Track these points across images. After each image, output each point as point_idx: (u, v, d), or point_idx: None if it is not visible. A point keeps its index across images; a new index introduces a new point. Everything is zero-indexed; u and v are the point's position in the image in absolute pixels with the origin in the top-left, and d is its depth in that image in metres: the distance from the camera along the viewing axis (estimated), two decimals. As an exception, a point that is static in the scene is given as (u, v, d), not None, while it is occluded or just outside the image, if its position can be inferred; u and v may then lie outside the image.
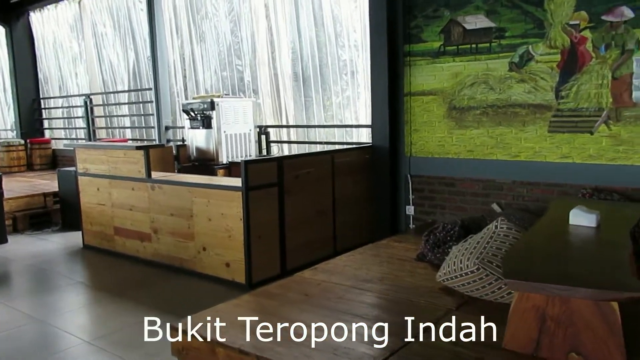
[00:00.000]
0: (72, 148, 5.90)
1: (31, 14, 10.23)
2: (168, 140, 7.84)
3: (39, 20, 10.20)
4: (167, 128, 7.84)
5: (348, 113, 6.25)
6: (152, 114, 8.09)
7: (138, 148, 4.84)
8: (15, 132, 10.71)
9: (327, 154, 4.91)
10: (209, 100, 6.11)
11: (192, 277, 4.42)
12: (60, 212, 6.66)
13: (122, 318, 3.64)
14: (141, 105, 8.65)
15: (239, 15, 7.05)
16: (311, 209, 4.64)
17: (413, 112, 4.99)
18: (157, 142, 7.80)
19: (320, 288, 3.22)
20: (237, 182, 4.15)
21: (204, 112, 6.14)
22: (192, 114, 6.25)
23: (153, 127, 8.15)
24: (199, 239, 4.38)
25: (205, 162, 6.23)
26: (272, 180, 4.23)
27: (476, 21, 4.54)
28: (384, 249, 4.07)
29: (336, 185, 4.88)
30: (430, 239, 3.70)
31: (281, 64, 6.67)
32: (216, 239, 4.24)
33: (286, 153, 6.71)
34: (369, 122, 5.37)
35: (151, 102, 8.13)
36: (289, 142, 6.75)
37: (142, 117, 8.71)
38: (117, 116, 9.19)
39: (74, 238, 5.93)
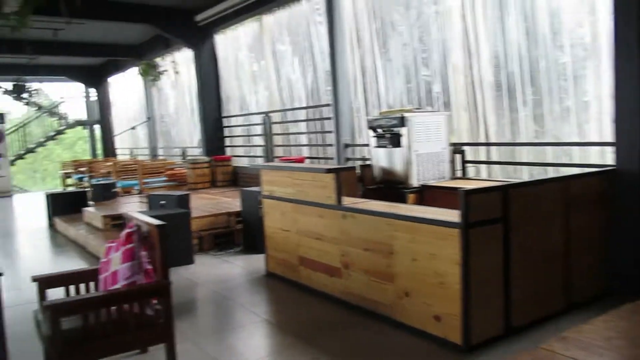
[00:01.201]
0: (256, 168, 5.65)
1: (215, 36, 10.68)
2: (347, 159, 7.37)
3: (222, 41, 10.60)
4: (346, 146, 7.38)
5: (567, 127, 5.11)
6: (331, 131, 7.71)
7: (328, 171, 4.32)
8: (200, 149, 11.26)
9: (559, 181, 3.89)
10: (399, 115, 5.44)
11: (390, 326, 3.72)
12: (242, 232, 6.52)
13: (318, 377, 3.06)
14: (319, 122, 8.36)
15: (428, 20, 6.32)
16: (540, 251, 3.66)
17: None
18: (336, 161, 7.38)
19: (594, 379, 2.26)
20: (451, 215, 3.36)
21: (393, 128, 5.48)
22: (380, 130, 5.64)
23: (331, 145, 7.77)
24: (401, 282, 3.67)
25: (392, 185, 5.56)
26: (496, 215, 3.36)
27: None
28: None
29: (570, 220, 3.83)
30: None
31: (480, 71, 5.76)
32: (423, 285, 3.49)
33: (484, 176, 5.77)
34: (607, 139, 4.22)
35: (329, 118, 7.77)
36: (490, 163, 5.78)
37: (320, 134, 8.40)
38: (295, 134, 9.04)
39: (257, 263, 5.66)
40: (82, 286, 3.25)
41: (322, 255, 4.46)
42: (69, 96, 18.89)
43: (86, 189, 11.68)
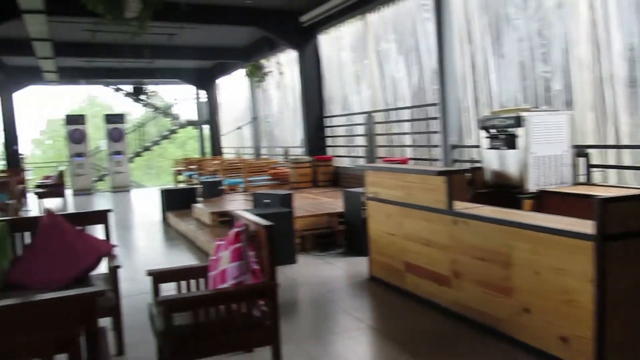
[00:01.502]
0: (360, 169, 5.52)
1: (319, 36, 10.73)
2: (454, 161, 7.02)
3: (326, 41, 10.62)
4: (453, 147, 7.04)
5: None
6: (437, 132, 7.39)
7: (439, 174, 4.07)
8: (302, 149, 11.38)
9: None
10: (515, 115, 5.04)
11: (506, 344, 3.42)
12: (344, 234, 6.43)
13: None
14: (424, 122, 8.06)
15: (549, 12, 5.82)
16: (689, 270, 3.16)
17: None
18: (442, 162, 7.06)
19: None
20: (583, 226, 2.99)
21: (508, 129, 5.09)
22: (493, 131, 5.27)
23: (437, 146, 7.46)
24: (520, 297, 3.35)
25: (506, 189, 5.17)
26: (638, 226, 2.95)
27: None
28: None
29: None
30: None
31: (610, 65, 5.19)
32: (547, 301, 3.15)
33: (613, 182, 5.19)
34: None
35: (435, 118, 7.45)
36: (621, 168, 5.20)
37: (425, 135, 8.11)
38: (398, 134, 8.81)
39: (359, 265, 5.54)
40: (192, 282, 3.30)
41: (429, 262, 4.23)
42: (182, 98, 20.05)
43: (195, 186, 12.27)
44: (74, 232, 3.73)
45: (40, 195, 11.96)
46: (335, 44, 10.34)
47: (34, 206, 12.26)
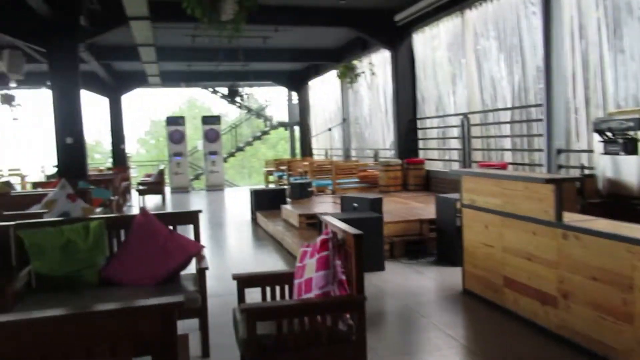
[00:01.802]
0: (456, 174, 5.18)
1: (413, 35, 10.39)
2: (559, 167, 6.44)
3: (420, 40, 10.27)
4: (559, 152, 6.46)
5: None
6: (540, 135, 6.83)
7: (547, 181, 3.67)
8: (393, 151, 11.10)
9: None
10: (637, 116, 4.48)
11: (626, 379, 2.98)
12: (436, 242, 6.11)
13: None
14: (526, 124, 7.50)
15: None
16: None
17: None
18: (546, 168, 6.50)
19: None
20: None
21: (628, 131, 4.54)
22: (609, 134, 4.73)
23: (540, 150, 6.89)
24: (645, 326, 2.91)
25: (624, 200, 4.61)
26: None
27: None
28: None
29: None
30: None
31: None
32: (680, 335, 2.70)
33: None
34: None
35: (539, 120, 6.89)
36: None
37: (527, 138, 7.54)
38: (496, 137, 8.28)
39: (451, 276, 5.21)
40: (277, 288, 3.21)
41: (532, 279, 3.84)
42: (274, 100, 20.47)
43: (285, 187, 12.39)
44: (166, 231, 3.78)
45: (141, 192, 12.66)
46: (430, 42, 9.97)
47: (135, 202, 13.01)
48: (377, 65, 11.98)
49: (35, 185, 8.68)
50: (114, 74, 15.28)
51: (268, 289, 3.21)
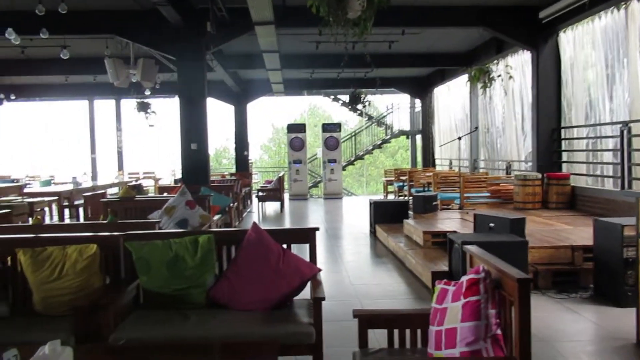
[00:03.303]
0: (631, 195, 4.19)
1: (560, 33, 9.19)
2: None
3: (569, 38, 9.03)
4: None
5: None
6: None
7: None
8: (529, 164, 9.92)
9: None
10: None
11: None
12: (592, 274, 5.08)
13: None
14: None
15: None
16: None
17: None
18: None
19: None
20: None
21: None
22: None
23: None
24: None
25: None
26: None
27: None
28: None
29: None
30: None
31: None
32: None
33: None
34: None
35: None
36: None
37: None
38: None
39: (618, 320, 4.21)
40: (407, 332, 2.60)
41: None
42: (395, 107, 19.79)
43: (406, 198, 11.70)
44: (279, 250, 3.35)
45: (261, 199, 12.70)
46: (581, 40, 8.71)
47: (255, 208, 13.11)
48: (514, 68, 10.85)
49: (162, 189, 8.92)
50: (240, 82, 15.66)
51: (395, 331, 2.62)
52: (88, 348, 2.54)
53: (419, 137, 18.45)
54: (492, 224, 5.51)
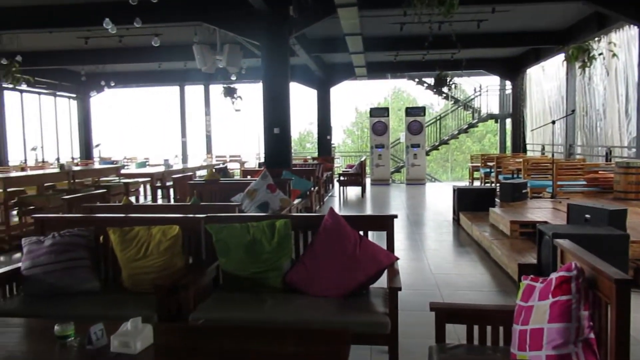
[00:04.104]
0: None
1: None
2: None
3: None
4: None
5: None
6: None
7: None
8: (634, 150, 9.10)
9: None
10: None
11: None
12: None
13: None
14: None
15: None
16: None
17: None
18: None
19: None
20: None
21: None
22: None
23: None
24: None
25: None
26: None
27: None
28: None
29: None
30: None
31: None
32: None
33: None
34: None
35: None
36: None
37: None
38: None
39: None
40: (488, 329, 2.45)
41: None
42: (483, 89, 18.94)
43: (493, 185, 11.20)
44: (355, 237, 3.28)
45: (342, 183, 12.69)
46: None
47: (336, 192, 13.14)
48: (619, 45, 9.94)
49: (246, 173, 9.15)
50: (323, 67, 15.66)
51: (475, 327, 2.48)
52: (169, 326, 2.63)
53: (508, 121, 17.56)
54: (588, 215, 5.10)
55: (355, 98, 42.80)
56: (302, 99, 27.08)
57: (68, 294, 3.19)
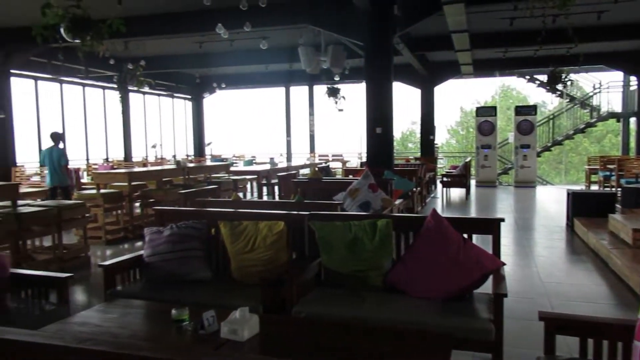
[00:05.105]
0: None
1: None
2: None
3: None
4: None
5: None
6: None
7: None
8: None
9: None
10: None
11: None
12: None
13: None
14: None
15: None
16: None
17: None
18: None
19: None
20: None
21: None
22: None
23: None
24: None
25: None
26: None
27: None
28: None
29: None
30: None
31: None
32: None
33: None
34: None
35: None
36: None
37: None
38: None
39: None
40: (605, 344, 2.28)
41: None
42: (603, 86, 17.50)
43: (613, 189, 10.33)
44: (459, 240, 3.20)
45: (445, 184, 12.38)
46: None
47: (439, 194, 12.84)
48: None
49: (348, 172, 9.24)
50: (427, 65, 15.36)
51: (590, 341, 2.32)
52: (273, 317, 2.75)
53: (633, 120, 16.07)
54: None
55: (460, 97, 41.51)
56: (405, 98, 26.77)
57: (183, 282, 3.44)
